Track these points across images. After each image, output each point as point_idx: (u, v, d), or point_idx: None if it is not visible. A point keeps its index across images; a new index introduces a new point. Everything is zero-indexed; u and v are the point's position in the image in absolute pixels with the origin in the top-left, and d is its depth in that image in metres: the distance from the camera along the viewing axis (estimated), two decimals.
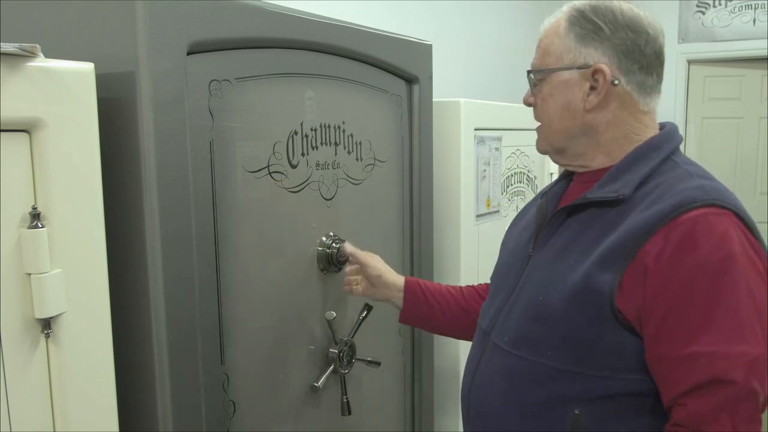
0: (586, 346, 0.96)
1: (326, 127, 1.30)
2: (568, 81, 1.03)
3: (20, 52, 0.74)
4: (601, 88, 1.01)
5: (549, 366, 0.99)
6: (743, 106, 4.09)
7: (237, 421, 1.14)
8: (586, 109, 1.03)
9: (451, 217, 1.87)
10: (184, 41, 0.97)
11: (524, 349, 1.03)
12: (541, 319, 1.01)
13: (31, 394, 0.79)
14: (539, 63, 1.07)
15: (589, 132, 1.04)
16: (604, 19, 1.01)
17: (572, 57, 1.02)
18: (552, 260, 1.03)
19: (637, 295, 0.92)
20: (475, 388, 1.11)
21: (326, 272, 1.33)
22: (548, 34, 1.06)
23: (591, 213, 1.02)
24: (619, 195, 0.98)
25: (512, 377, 1.04)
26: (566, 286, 0.97)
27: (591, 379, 0.96)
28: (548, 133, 1.09)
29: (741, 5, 3.89)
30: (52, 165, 0.79)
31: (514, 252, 1.17)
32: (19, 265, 0.77)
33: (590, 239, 0.99)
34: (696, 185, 0.95)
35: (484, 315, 1.17)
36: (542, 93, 1.07)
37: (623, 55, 1.00)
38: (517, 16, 3.35)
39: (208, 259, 1.07)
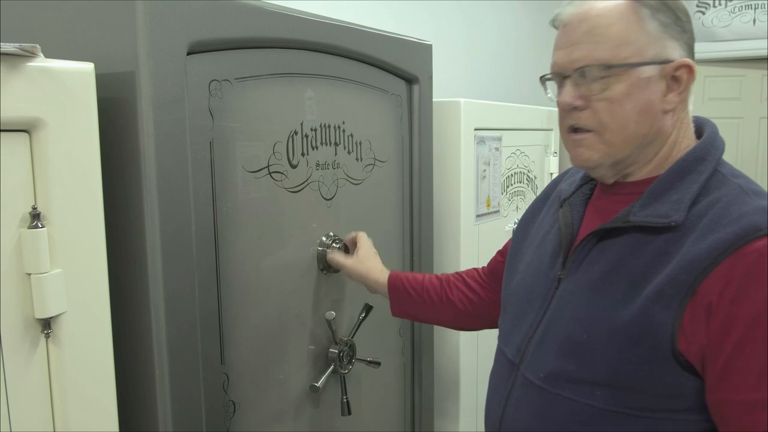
0: (640, 387, 0.86)
1: (326, 127, 1.30)
2: (650, 78, 0.88)
3: (20, 52, 0.74)
4: (684, 86, 0.89)
5: (596, 407, 0.89)
6: (743, 106, 4.09)
7: (237, 421, 1.14)
8: (664, 111, 0.90)
9: (451, 217, 1.87)
10: (184, 41, 0.97)
11: (565, 388, 0.92)
12: (583, 357, 0.90)
13: (31, 394, 0.79)
14: (610, 56, 0.87)
15: (657, 138, 0.91)
16: (680, 7, 0.89)
17: (657, 50, 0.87)
18: (589, 291, 0.92)
19: (701, 335, 0.82)
20: (507, 423, 1.02)
21: (326, 272, 1.33)
22: (614, 19, 0.88)
23: (632, 237, 0.90)
24: (671, 221, 0.86)
25: (551, 416, 0.94)
26: (615, 324, 0.87)
27: (644, 420, 0.87)
28: (617, 140, 0.91)
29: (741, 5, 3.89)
30: (52, 165, 0.78)
31: (537, 268, 1.04)
32: (19, 265, 0.77)
33: (637, 270, 0.88)
34: (757, 207, 0.84)
35: (507, 340, 1.07)
36: (612, 93, 0.89)
37: (691, 50, 0.91)
38: (517, 16, 3.35)
39: (208, 259, 1.07)
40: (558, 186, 1.15)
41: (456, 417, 1.93)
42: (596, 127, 0.91)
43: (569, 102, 0.92)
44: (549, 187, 1.19)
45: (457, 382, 1.92)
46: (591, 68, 0.89)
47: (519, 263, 1.12)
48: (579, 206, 1.03)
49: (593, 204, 1.02)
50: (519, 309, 1.06)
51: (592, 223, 0.98)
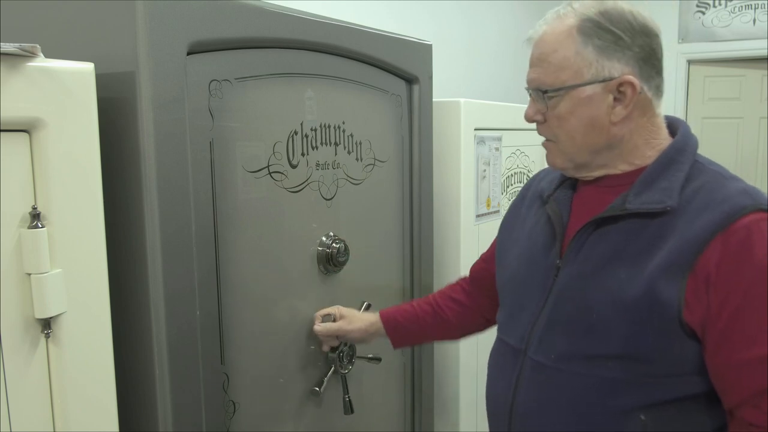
0: (650, 356, 0.95)
1: (326, 127, 1.30)
2: (592, 96, 0.98)
3: (20, 52, 0.74)
4: (630, 99, 0.98)
5: (610, 378, 0.97)
6: (743, 106, 4.09)
7: (237, 421, 1.14)
8: (612, 122, 0.99)
9: (451, 217, 1.87)
10: (184, 41, 0.97)
11: (578, 365, 1.00)
12: (596, 335, 0.98)
13: (31, 394, 0.79)
14: (553, 80, 0.99)
15: (614, 144, 1.01)
16: (620, 27, 0.96)
17: (594, 71, 0.97)
18: (594, 274, 1.00)
19: (702, 305, 0.91)
20: (519, 409, 1.07)
21: (326, 272, 1.33)
22: (556, 47, 0.99)
23: (628, 223, 0.99)
24: (667, 206, 0.96)
25: (567, 393, 1.01)
26: (623, 300, 0.95)
27: (654, 385, 0.96)
28: (570, 149, 1.03)
29: (741, 5, 3.88)
30: (52, 165, 0.79)
31: (529, 261, 1.12)
32: (19, 265, 0.77)
33: (638, 251, 0.96)
34: (738, 190, 0.95)
35: (508, 330, 1.14)
36: (559, 110, 1.00)
37: (643, 62, 0.98)
38: (517, 16, 3.35)
39: (208, 259, 1.07)
40: (532, 187, 1.24)
41: (456, 417, 1.93)
42: (553, 138, 1.05)
43: (530, 116, 1.06)
44: (524, 190, 1.28)
45: (457, 382, 1.92)
46: (538, 91, 1.02)
47: (507, 260, 1.20)
48: (565, 201, 1.10)
49: (579, 198, 1.10)
50: (517, 300, 1.13)
51: (582, 215, 1.06)
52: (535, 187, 1.21)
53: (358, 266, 1.41)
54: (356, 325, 1.32)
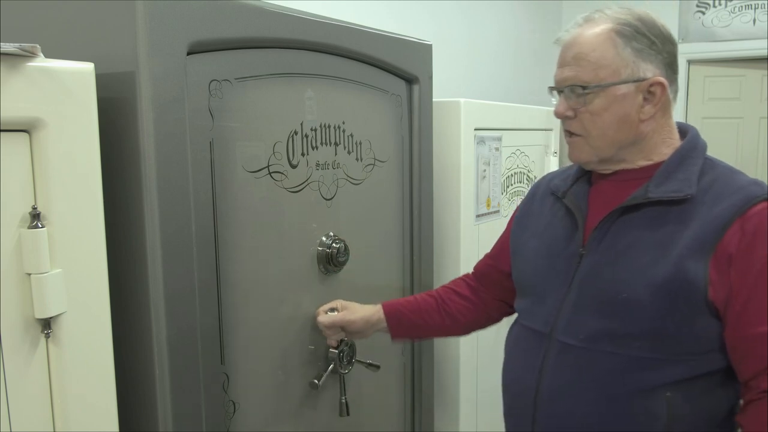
0: (676, 334, 1.02)
1: (326, 127, 1.30)
2: (625, 95, 1.06)
3: (20, 52, 0.74)
4: (658, 99, 1.07)
5: (639, 357, 1.04)
6: (743, 106, 4.08)
7: (237, 421, 1.14)
8: (640, 120, 1.08)
9: (451, 217, 1.87)
10: (184, 41, 0.97)
11: (607, 344, 1.06)
12: (625, 314, 1.04)
13: (31, 394, 0.79)
14: (591, 77, 1.06)
15: (638, 140, 1.10)
16: (654, 33, 1.06)
17: (630, 71, 1.05)
18: (620, 258, 1.07)
19: (724, 283, 1.00)
20: (545, 391, 1.12)
21: (326, 272, 1.33)
22: (596, 46, 1.06)
23: (649, 211, 1.07)
24: (687, 194, 1.04)
25: (595, 373, 1.07)
26: (654, 280, 1.02)
27: (679, 363, 1.03)
28: (600, 144, 1.10)
29: (741, 5, 3.88)
30: (52, 165, 0.78)
31: (551, 251, 1.18)
32: (19, 265, 0.77)
33: (662, 236, 1.04)
34: (749, 181, 1.07)
35: (530, 316, 1.19)
36: (593, 106, 1.07)
37: (668, 67, 1.08)
38: (517, 16, 3.35)
39: (208, 259, 1.07)
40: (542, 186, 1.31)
41: (456, 417, 1.93)
42: (583, 133, 1.11)
43: (561, 112, 1.12)
44: (533, 190, 1.35)
45: (457, 382, 1.92)
46: (575, 87, 1.08)
47: (525, 254, 1.26)
48: (582, 195, 1.18)
49: (595, 191, 1.17)
50: (540, 288, 1.19)
51: (600, 206, 1.13)
52: (545, 187, 1.28)
53: (358, 266, 1.41)
54: (358, 314, 1.33)
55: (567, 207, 1.18)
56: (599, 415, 1.06)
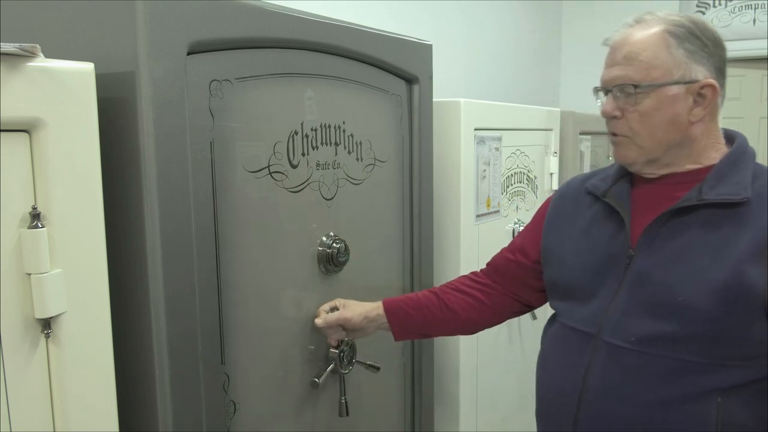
0: (732, 339, 1.02)
1: (326, 127, 1.30)
2: (677, 96, 1.06)
3: (20, 52, 0.74)
4: (709, 102, 1.06)
5: (690, 361, 1.03)
6: (743, 106, 4.08)
7: (237, 421, 1.14)
8: (690, 122, 1.07)
9: (451, 217, 1.87)
10: (184, 41, 0.97)
11: (660, 348, 1.05)
12: (680, 317, 1.03)
13: (31, 394, 0.79)
14: (643, 77, 1.06)
15: (686, 142, 1.09)
16: (707, 36, 1.06)
17: (682, 72, 1.05)
18: (674, 261, 1.06)
19: None
20: (590, 392, 1.11)
21: (326, 272, 1.33)
22: (648, 46, 1.06)
23: (703, 214, 1.06)
24: (743, 197, 1.04)
25: (644, 376, 1.06)
26: (711, 285, 1.01)
27: (732, 368, 1.02)
28: (648, 144, 1.09)
29: (741, 5, 3.88)
30: (52, 165, 0.78)
31: (593, 251, 1.17)
32: (19, 265, 0.77)
33: (720, 239, 1.03)
34: None
35: (574, 317, 1.18)
36: (643, 106, 1.07)
37: (718, 71, 1.08)
38: (517, 16, 3.35)
39: (208, 259, 1.07)
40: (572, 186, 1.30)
41: (456, 417, 1.93)
42: (629, 133, 1.10)
43: (609, 112, 1.11)
44: (563, 189, 1.34)
45: (457, 382, 1.92)
46: (626, 86, 1.07)
47: (562, 254, 1.24)
48: (625, 195, 1.16)
49: (638, 193, 1.16)
50: (584, 288, 1.17)
51: (646, 208, 1.12)
52: (578, 187, 1.28)
53: (359, 266, 1.41)
54: (357, 311, 1.32)
55: (610, 206, 1.17)
56: (648, 418, 1.06)
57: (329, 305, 1.32)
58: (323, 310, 1.31)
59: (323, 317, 1.30)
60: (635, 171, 1.16)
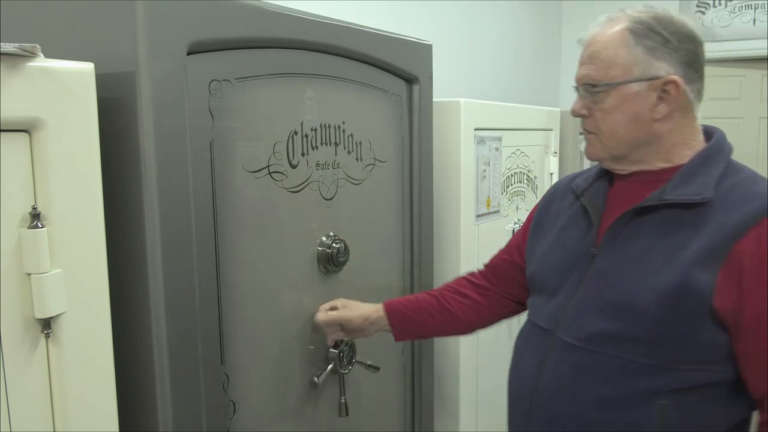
0: (677, 342, 1.00)
1: (326, 127, 1.30)
2: (637, 93, 1.05)
3: (20, 52, 0.74)
4: (672, 98, 1.04)
5: (636, 361, 1.02)
6: (743, 106, 4.08)
7: (237, 421, 1.14)
8: (654, 119, 1.06)
9: (451, 217, 1.87)
10: (184, 41, 0.97)
11: (606, 346, 1.05)
12: (627, 318, 1.03)
13: (31, 394, 0.79)
14: (602, 75, 1.06)
15: (652, 140, 1.07)
16: (670, 30, 1.04)
17: (642, 69, 1.04)
18: (630, 260, 1.05)
19: (733, 293, 0.97)
20: (542, 387, 1.11)
21: (326, 272, 1.33)
22: (608, 45, 1.05)
23: (665, 214, 1.05)
24: (704, 198, 1.01)
25: (591, 373, 1.06)
26: (659, 286, 1.00)
27: (678, 372, 1.01)
28: (611, 142, 1.09)
29: (741, 5, 3.88)
30: (52, 165, 0.78)
31: (563, 249, 1.17)
32: (19, 265, 0.77)
33: (675, 241, 1.02)
34: None
35: (538, 313, 1.18)
36: (605, 105, 1.07)
37: (687, 66, 1.05)
38: (517, 16, 3.34)
39: (208, 259, 1.07)
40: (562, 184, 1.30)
41: (456, 417, 1.93)
42: (596, 131, 1.11)
43: (576, 110, 1.12)
44: (555, 187, 1.34)
45: (457, 382, 1.92)
46: (587, 85, 1.09)
47: (539, 251, 1.25)
48: (600, 194, 1.16)
49: (614, 191, 1.16)
50: (551, 285, 1.18)
51: (617, 207, 1.12)
52: (566, 185, 1.28)
53: (358, 266, 1.41)
54: (358, 312, 1.32)
55: (584, 205, 1.17)
56: (594, 417, 1.05)
57: (330, 305, 1.32)
58: (323, 309, 1.31)
59: (325, 314, 1.30)
60: (607, 168, 1.16)
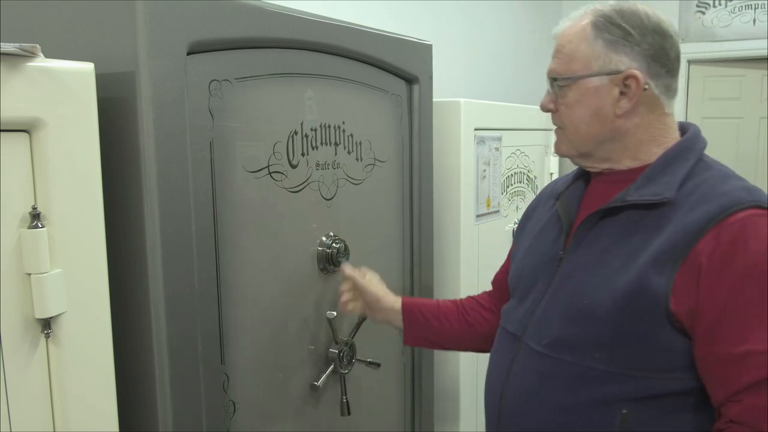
0: (636, 347, 0.97)
1: (326, 127, 1.30)
2: (598, 87, 1.02)
3: (20, 52, 0.74)
4: (633, 93, 1.01)
5: (596, 368, 0.99)
6: (743, 106, 4.08)
7: (237, 421, 1.14)
8: (616, 115, 1.03)
9: (451, 217, 1.87)
10: (184, 41, 0.97)
11: (567, 352, 1.02)
12: (585, 322, 1.00)
13: (31, 394, 0.79)
14: (564, 69, 1.05)
15: (617, 136, 1.04)
16: (632, 23, 1.01)
17: (602, 63, 1.01)
18: (592, 263, 1.03)
19: (690, 296, 0.93)
20: (508, 393, 1.09)
21: (326, 272, 1.33)
22: (571, 39, 1.04)
23: (628, 215, 1.02)
24: (664, 198, 0.98)
25: (554, 380, 1.03)
26: (615, 289, 0.97)
27: (639, 379, 0.97)
28: (575, 138, 1.07)
29: (741, 5, 3.88)
30: (52, 165, 0.78)
31: (537, 253, 1.14)
32: (19, 265, 0.77)
33: (635, 242, 0.99)
34: (738, 186, 0.98)
35: (509, 318, 1.16)
36: (567, 99, 1.05)
37: (651, 60, 1.01)
38: (517, 16, 3.34)
39: (208, 259, 1.07)
40: (548, 189, 1.29)
41: (456, 417, 1.93)
42: (561, 125, 1.09)
43: (544, 105, 1.11)
44: (541, 192, 1.32)
45: (457, 382, 1.92)
46: (551, 79, 1.07)
47: (517, 256, 1.23)
48: (575, 197, 1.14)
49: (589, 192, 1.13)
50: (522, 289, 1.15)
51: (589, 208, 1.08)
52: (552, 188, 1.26)
53: (359, 266, 1.40)
54: (376, 289, 1.33)
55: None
56: (556, 425, 1.03)
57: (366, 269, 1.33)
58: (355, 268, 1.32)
59: (351, 269, 1.31)
60: (577, 165, 1.14)
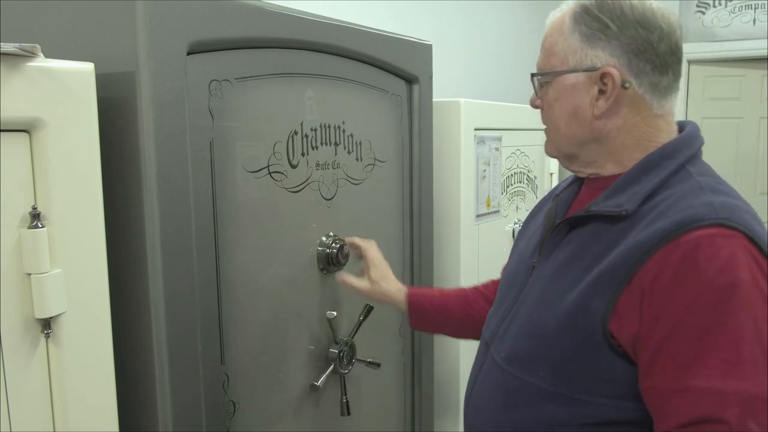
0: (577, 370, 0.90)
1: (326, 127, 1.30)
2: (575, 85, 0.94)
3: (20, 52, 0.74)
4: (611, 92, 0.91)
5: (541, 387, 0.93)
6: (743, 106, 4.08)
7: (237, 421, 1.14)
8: (594, 116, 0.93)
9: (451, 217, 1.87)
10: (184, 41, 0.97)
11: (517, 367, 0.97)
12: (534, 339, 0.95)
13: (31, 394, 0.79)
14: (543, 64, 0.98)
15: (599, 139, 0.95)
16: (611, 15, 0.90)
17: (578, 59, 0.93)
18: (553, 276, 0.97)
19: (633, 321, 0.84)
20: (471, 401, 1.08)
21: (326, 272, 1.33)
22: (552, 32, 0.96)
23: (594, 227, 0.94)
24: (622, 210, 0.89)
25: (505, 395, 0.99)
26: (561, 306, 0.91)
27: (582, 404, 0.90)
28: (556, 138, 1.00)
29: (741, 5, 3.88)
30: (52, 165, 0.78)
31: (521, 258, 1.10)
32: (19, 265, 0.77)
33: (591, 257, 0.91)
34: (705, 201, 0.85)
35: (488, 324, 1.12)
36: (548, 97, 0.99)
37: (633, 55, 0.90)
38: (517, 16, 3.35)
39: (208, 259, 1.07)
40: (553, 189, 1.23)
41: (456, 417, 1.93)
42: (546, 125, 1.03)
43: (532, 101, 1.05)
44: (546, 194, 1.27)
45: (457, 382, 1.92)
46: (534, 75, 1.01)
47: (512, 255, 1.19)
48: (565, 203, 1.07)
49: (577, 199, 1.07)
50: (501, 295, 1.12)
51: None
52: (551, 193, 1.21)
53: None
54: (382, 268, 1.33)
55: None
56: None
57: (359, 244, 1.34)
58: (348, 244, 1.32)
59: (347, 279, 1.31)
60: (565, 167, 1.06)
